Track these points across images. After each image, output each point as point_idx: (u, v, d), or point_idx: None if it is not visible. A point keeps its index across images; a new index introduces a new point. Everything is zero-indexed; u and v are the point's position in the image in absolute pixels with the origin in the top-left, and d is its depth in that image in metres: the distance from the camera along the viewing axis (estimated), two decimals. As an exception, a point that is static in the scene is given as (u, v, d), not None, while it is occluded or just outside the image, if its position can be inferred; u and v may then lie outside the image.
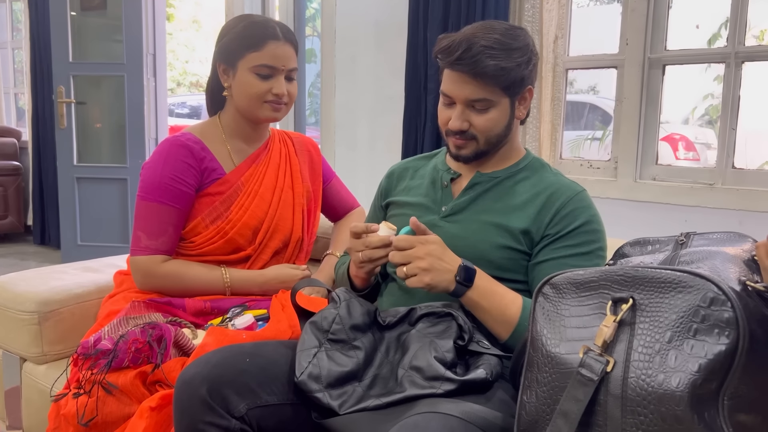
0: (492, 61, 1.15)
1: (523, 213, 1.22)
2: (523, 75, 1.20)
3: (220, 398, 1.00)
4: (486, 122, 1.21)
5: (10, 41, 5.71)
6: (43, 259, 4.44)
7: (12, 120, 5.76)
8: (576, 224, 1.20)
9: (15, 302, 1.52)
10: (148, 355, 1.23)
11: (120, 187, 3.98)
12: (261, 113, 1.47)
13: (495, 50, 1.16)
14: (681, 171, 2.29)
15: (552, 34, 2.40)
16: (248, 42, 1.43)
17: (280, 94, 1.45)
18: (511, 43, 1.18)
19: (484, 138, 1.23)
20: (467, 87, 1.18)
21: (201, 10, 13.80)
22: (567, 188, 1.24)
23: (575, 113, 6.30)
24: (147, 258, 1.42)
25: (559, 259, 1.19)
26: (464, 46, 1.15)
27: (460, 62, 1.16)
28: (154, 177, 1.43)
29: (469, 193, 1.28)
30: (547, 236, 1.20)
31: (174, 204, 1.43)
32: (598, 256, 1.21)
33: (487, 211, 1.25)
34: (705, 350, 0.72)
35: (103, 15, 4.09)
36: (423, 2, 2.61)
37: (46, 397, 1.43)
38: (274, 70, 1.44)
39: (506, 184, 1.27)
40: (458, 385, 0.99)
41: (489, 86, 1.18)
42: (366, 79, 3.06)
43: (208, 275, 1.45)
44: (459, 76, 1.19)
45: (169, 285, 1.44)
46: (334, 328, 1.09)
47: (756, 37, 5.75)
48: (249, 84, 1.44)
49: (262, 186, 1.52)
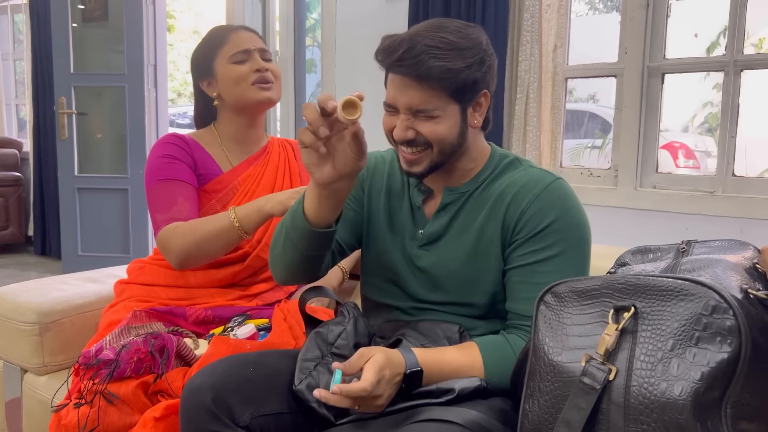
0: (437, 62, 1.01)
1: (493, 223, 1.12)
2: (475, 78, 1.05)
3: (225, 407, 1.00)
4: (433, 130, 1.07)
5: (12, 52, 5.74)
6: (43, 269, 4.44)
7: (13, 131, 5.78)
8: (543, 225, 1.08)
9: (16, 313, 1.52)
10: (150, 365, 1.23)
11: (121, 198, 3.98)
12: (253, 95, 1.49)
13: (441, 50, 1.02)
14: (681, 179, 2.29)
15: (551, 44, 2.41)
16: (214, 43, 1.50)
17: (261, 68, 1.49)
18: (459, 42, 1.04)
19: (438, 148, 1.08)
20: (409, 92, 1.04)
21: (202, 21, 13.86)
22: (533, 183, 1.11)
23: (575, 122, 6.31)
24: (163, 230, 1.41)
25: (527, 266, 1.08)
26: (406, 46, 1.02)
27: (401, 63, 1.03)
28: (151, 163, 1.48)
29: (443, 215, 1.16)
30: (515, 241, 1.10)
31: (176, 177, 1.45)
32: (574, 254, 1.09)
33: (465, 233, 1.14)
34: (707, 358, 0.72)
35: (104, 26, 4.11)
36: (422, 13, 2.62)
37: (47, 408, 1.42)
38: (248, 53, 1.49)
39: (476, 195, 1.15)
40: (456, 395, 0.98)
41: (434, 91, 1.04)
42: (366, 89, 3.04)
43: (216, 220, 1.39)
44: (401, 80, 1.05)
45: (182, 245, 1.37)
46: (339, 343, 1.08)
47: (754, 45, 5.77)
48: (231, 73, 1.48)
49: (260, 186, 1.54)
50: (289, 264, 1.16)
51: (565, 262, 1.08)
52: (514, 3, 2.42)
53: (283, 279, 1.21)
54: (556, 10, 2.40)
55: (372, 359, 0.95)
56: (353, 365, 0.96)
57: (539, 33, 2.40)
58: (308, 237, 1.09)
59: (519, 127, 2.43)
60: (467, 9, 2.46)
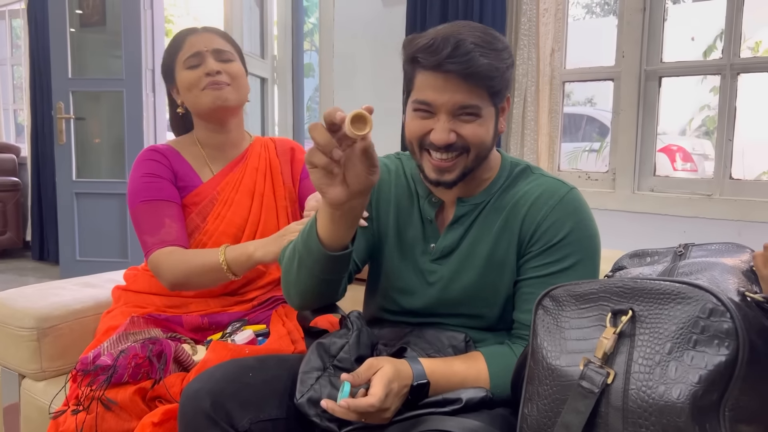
0: (485, 60, 0.99)
1: (508, 235, 1.10)
2: (508, 79, 1.06)
3: (224, 412, 0.99)
4: (475, 132, 1.03)
5: (10, 57, 5.74)
6: (41, 274, 4.43)
7: (11, 136, 5.78)
8: (558, 237, 1.06)
9: (14, 318, 1.52)
10: (147, 371, 1.22)
11: (119, 203, 3.98)
12: (204, 100, 1.44)
13: (486, 48, 0.99)
14: (679, 182, 2.29)
15: (548, 47, 2.42)
16: (173, 48, 1.47)
17: (211, 71, 1.42)
18: (497, 43, 1.02)
19: (476, 153, 1.05)
20: (456, 92, 1.00)
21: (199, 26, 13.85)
22: (549, 195, 1.09)
23: (573, 125, 6.32)
24: (155, 254, 1.40)
25: (540, 278, 1.07)
26: (453, 43, 0.98)
27: (451, 61, 0.98)
28: (133, 182, 1.45)
29: (456, 228, 1.13)
30: (529, 252, 1.08)
31: (159, 197, 1.43)
32: (586, 265, 1.08)
33: (479, 244, 1.12)
34: (705, 361, 0.72)
35: (102, 31, 4.11)
36: (420, 17, 2.63)
37: (45, 414, 1.42)
38: (199, 56, 1.44)
39: (490, 206, 1.13)
40: (463, 405, 0.98)
41: (479, 90, 1.01)
42: (364, 93, 3.07)
43: (206, 256, 1.38)
44: (444, 78, 1.00)
45: (174, 272, 1.37)
46: (341, 356, 1.06)
47: (751, 48, 5.79)
48: (185, 79, 1.44)
49: (239, 193, 1.50)
50: (305, 290, 1.11)
51: (578, 273, 1.06)
52: (511, 7, 2.43)
53: (299, 305, 1.17)
54: (553, 14, 2.40)
55: (380, 372, 0.94)
56: (361, 377, 0.94)
57: (536, 37, 2.41)
58: (324, 261, 1.04)
59: (517, 130, 2.43)
60: (465, 13, 2.46)
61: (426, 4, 2.60)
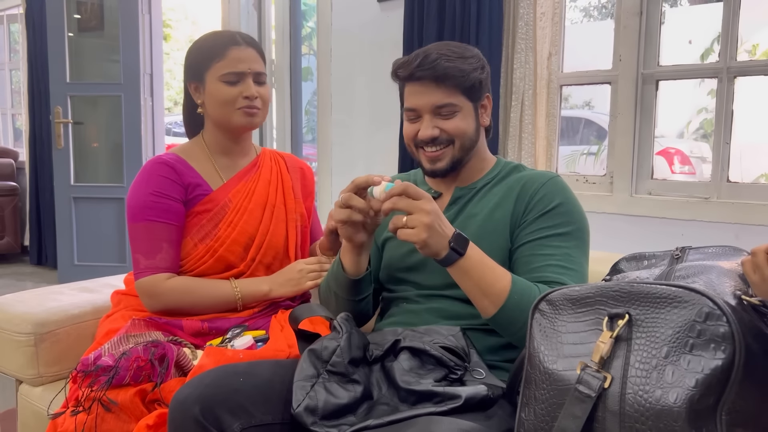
0: (450, 64, 1.20)
1: (502, 210, 1.25)
2: (480, 78, 1.24)
3: (213, 418, 0.99)
4: (456, 126, 1.23)
5: (8, 62, 5.74)
6: (39, 279, 4.43)
7: (9, 140, 5.78)
8: (551, 205, 1.21)
9: (11, 323, 1.51)
10: (149, 373, 1.22)
11: (117, 207, 3.98)
12: (236, 120, 1.46)
13: (450, 56, 1.21)
14: (676, 185, 2.30)
15: (546, 51, 2.42)
16: (211, 53, 1.45)
17: (251, 96, 1.44)
18: (463, 51, 1.24)
19: (460, 143, 1.25)
20: (431, 94, 1.22)
21: (198, 30, 13.89)
22: (539, 176, 1.26)
23: (570, 128, 6.33)
24: (149, 278, 1.41)
25: (536, 240, 1.20)
26: (422, 56, 1.21)
27: (420, 68, 1.20)
28: (139, 198, 1.43)
29: (453, 207, 1.30)
30: (524, 222, 1.22)
31: (163, 219, 1.42)
32: (577, 237, 1.21)
33: (473, 218, 1.27)
34: (702, 365, 0.72)
35: (100, 36, 4.12)
36: (417, 21, 2.64)
37: (42, 420, 1.42)
38: (241, 75, 1.44)
39: (485, 190, 1.30)
40: (462, 402, 0.98)
41: (451, 90, 1.21)
42: (362, 97, 3.08)
43: (218, 285, 1.44)
44: (421, 86, 1.22)
45: (179, 299, 1.41)
46: (334, 360, 1.06)
47: (748, 51, 5.80)
48: (219, 93, 1.44)
49: (252, 202, 1.51)
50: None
51: (570, 242, 1.19)
52: (508, 11, 2.44)
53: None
54: (550, 17, 2.41)
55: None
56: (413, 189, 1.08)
57: (534, 40, 2.41)
58: (353, 287, 1.30)
59: (514, 134, 2.44)
60: (462, 18, 2.47)
61: (423, 9, 2.60)
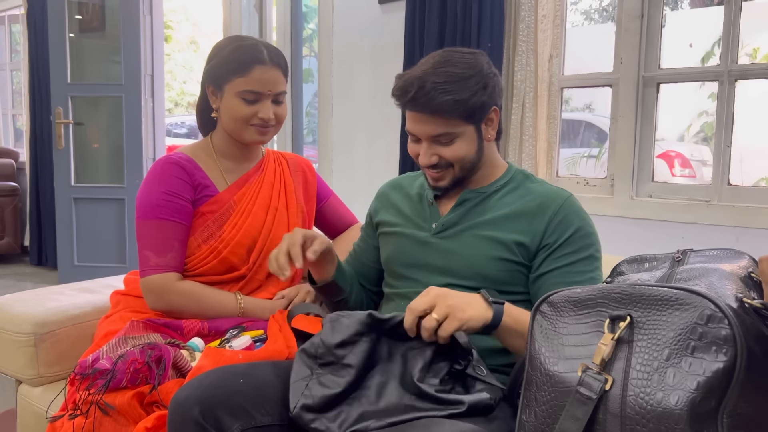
0: (446, 96, 1.15)
1: (514, 224, 1.23)
2: (482, 101, 1.19)
3: (213, 419, 0.99)
4: (455, 152, 1.21)
5: (9, 63, 5.75)
6: (39, 279, 4.43)
7: (10, 141, 5.78)
8: (571, 231, 1.21)
9: (11, 324, 1.51)
10: (146, 376, 1.22)
11: (117, 208, 3.98)
12: (247, 136, 1.47)
13: (448, 84, 1.15)
14: (677, 188, 2.30)
15: (547, 54, 2.42)
16: (234, 67, 1.43)
17: (266, 119, 1.45)
18: (464, 72, 1.17)
19: (459, 166, 1.23)
20: (427, 125, 1.19)
21: (199, 31, 13.92)
22: (555, 196, 1.25)
23: (571, 131, 6.33)
24: (161, 276, 1.41)
25: (562, 267, 1.20)
26: (417, 86, 1.15)
27: (415, 102, 1.17)
28: (151, 195, 1.43)
29: (458, 209, 1.29)
30: (545, 247, 1.21)
31: (175, 218, 1.43)
32: (596, 258, 1.23)
33: (478, 225, 1.25)
34: (703, 368, 0.72)
35: (101, 36, 4.12)
36: (419, 23, 2.64)
37: (42, 420, 1.42)
38: (260, 95, 1.44)
39: (494, 197, 1.28)
40: (466, 408, 0.97)
41: (449, 119, 1.18)
42: (363, 99, 3.08)
43: (223, 297, 1.46)
44: (417, 115, 1.19)
45: (185, 303, 1.42)
46: (320, 352, 1.06)
47: (749, 55, 5.80)
48: (235, 108, 1.44)
49: (256, 205, 1.52)
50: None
51: (592, 264, 1.22)
52: (509, 13, 2.44)
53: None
54: (551, 20, 2.41)
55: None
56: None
57: (535, 43, 2.41)
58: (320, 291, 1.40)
59: (515, 136, 2.44)
60: (463, 20, 2.47)
61: (424, 11, 2.60)
